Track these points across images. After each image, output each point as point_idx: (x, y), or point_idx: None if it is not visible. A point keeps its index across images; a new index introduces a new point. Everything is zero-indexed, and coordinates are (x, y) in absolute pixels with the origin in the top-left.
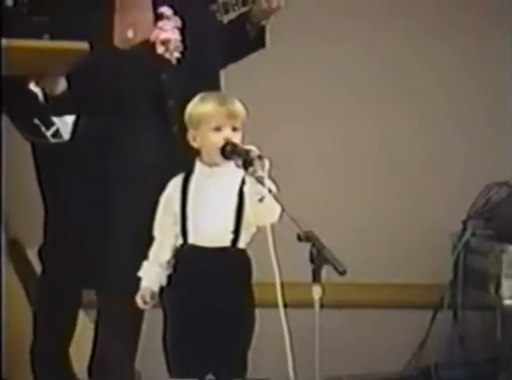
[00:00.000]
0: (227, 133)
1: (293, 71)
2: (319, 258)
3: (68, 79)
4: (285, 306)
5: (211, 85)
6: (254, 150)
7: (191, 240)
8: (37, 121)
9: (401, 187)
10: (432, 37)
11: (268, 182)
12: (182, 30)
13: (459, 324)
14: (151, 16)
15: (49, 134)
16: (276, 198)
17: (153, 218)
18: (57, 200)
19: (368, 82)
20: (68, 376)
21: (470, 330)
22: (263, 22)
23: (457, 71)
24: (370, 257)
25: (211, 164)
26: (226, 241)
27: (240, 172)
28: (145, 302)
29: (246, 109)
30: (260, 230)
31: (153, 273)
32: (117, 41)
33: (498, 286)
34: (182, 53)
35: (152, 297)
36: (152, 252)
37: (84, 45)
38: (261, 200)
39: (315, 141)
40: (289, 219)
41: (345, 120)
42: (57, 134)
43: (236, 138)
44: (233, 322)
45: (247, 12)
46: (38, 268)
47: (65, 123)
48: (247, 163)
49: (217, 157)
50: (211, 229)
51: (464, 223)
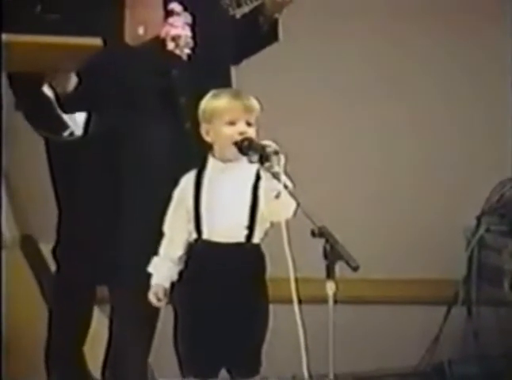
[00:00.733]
0: (242, 127)
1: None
2: (333, 254)
3: (79, 76)
4: (299, 302)
5: (222, 82)
6: (271, 146)
7: (205, 235)
8: (56, 116)
9: (415, 182)
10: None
11: (284, 178)
12: (193, 26)
13: (473, 319)
14: (161, 12)
15: (66, 134)
16: (291, 194)
17: (165, 215)
18: (70, 198)
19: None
20: (82, 373)
21: (484, 326)
22: (276, 15)
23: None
24: (384, 253)
25: (224, 159)
26: (240, 237)
27: (253, 167)
28: (158, 299)
29: (261, 105)
30: (274, 226)
31: (164, 269)
32: (128, 38)
33: None
34: (193, 49)
35: (165, 293)
36: (163, 247)
37: (97, 41)
38: (277, 197)
39: (327, 136)
40: (302, 215)
41: (355, 115)
42: (71, 133)
43: (250, 132)
44: (247, 318)
45: (260, 5)
46: (52, 263)
47: (74, 121)
48: (263, 158)
49: (230, 151)
50: (225, 224)
51: (478, 219)
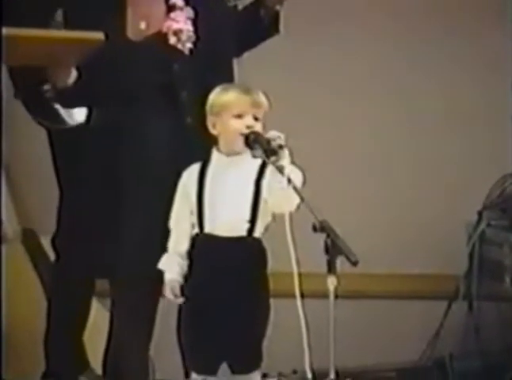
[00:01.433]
0: (249, 121)
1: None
2: (334, 248)
3: (80, 71)
4: (302, 297)
5: (224, 76)
6: (276, 140)
7: (207, 229)
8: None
9: (416, 177)
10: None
11: (288, 172)
12: (195, 21)
13: (474, 314)
14: (163, 7)
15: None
16: (295, 188)
17: (166, 208)
18: (72, 189)
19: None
20: (81, 363)
21: (485, 321)
22: (277, 7)
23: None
24: (385, 248)
25: (229, 153)
26: (242, 231)
27: (257, 162)
28: (175, 295)
29: (269, 101)
30: (275, 220)
31: (175, 264)
32: (130, 33)
33: None
34: (195, 44)
35: (182, 288)
36: (171, 243)
37: (99, 35)
38: (283, 188)
39: (328, 131)
40: (304, 209)
41: (357, 110)
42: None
43: (257, 127)
44: (248, 312)
45: None
46: (52, 256)
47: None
48: (269, 152)
49: (236, 144)
50: (227, 218)
51: (480, 214)
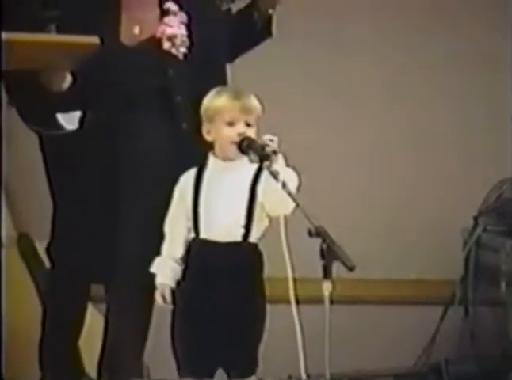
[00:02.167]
0: (241, 128)
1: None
2: (330, 254)
3: (74, 76)
4: (297, 302)
5: (218, 81)
6: (270, 145)
7: (203, 234)
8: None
9: (412, 182)
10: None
11: (282, 177)
12: (188, 25)
13: (470, 319)
14: (157, 12)
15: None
16: (290, 194)
17: (162, 213)
18: (66, 195)
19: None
20: (76, 370)
21: (481, 326)
22: (270, 11)
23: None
24: (381, 253)
25: (224, 158)
26: (237, 236)
27: (253, 166)
28: (165, 300)
29: (262, 106)
30: (271, 225)
31: (168, 269)
32: (124, 38)
33: (509, 281)
34: (189, 48)
35: (171, 294)
36: (165, 247)
37: (94, 39)
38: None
39: (323, 135)
40: (299, 214)
41: (353, 113)
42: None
43: (250, 133)
44: (244, 317)
45: (254, 1)
46: (48, 262)
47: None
48: (263, 158)
49: (231, 151)
50: (222, 223)
51: (476, 219)
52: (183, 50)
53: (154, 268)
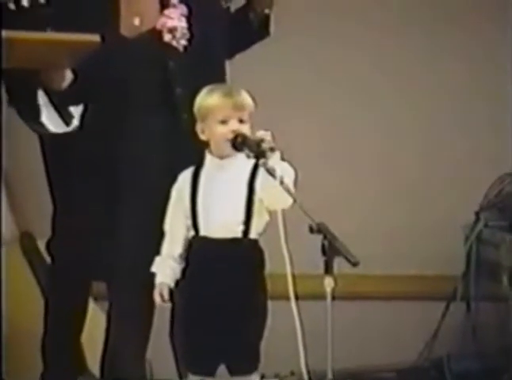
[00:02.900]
0: (234, 125)
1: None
2: (331, 250)
3: (74, 69)
4: (297, 298)
5: (218, 73)
6: (266, 142)
7: (202, 232)
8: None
9: (414, 178)
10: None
11: (279, 173)
12: (189, 18)
13: (471, 315)
14: (157, 4)
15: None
16: (287, 190)
17: (163, 210)
18: (66, 192)
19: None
20: (79, 366)
21: (483, 321)
22: (266, 11)
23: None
24: (382, 249)
25: (221, 156)
26: (237, 232)
27: (250, 162)
28: (163, 299)
29: (254, 101)
30: (272, 221)
31: (167, 268)
32: (124, 29)
33: (511, 277)
34: (189, 41)
35: (170, 293)
36: (164, 246)
37: (95, 37)
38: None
39: (326, 132)
40: (300, 210)
41: (354, 111)
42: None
43: (243, 130)
44: (245, 314)
45: (250, 1)
46: (49, 260)
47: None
48: (259, 154)
49: (226, 149)
50: (221, 220)
51: (477, 214)
52: (183, 42)
53: (154, 268)
